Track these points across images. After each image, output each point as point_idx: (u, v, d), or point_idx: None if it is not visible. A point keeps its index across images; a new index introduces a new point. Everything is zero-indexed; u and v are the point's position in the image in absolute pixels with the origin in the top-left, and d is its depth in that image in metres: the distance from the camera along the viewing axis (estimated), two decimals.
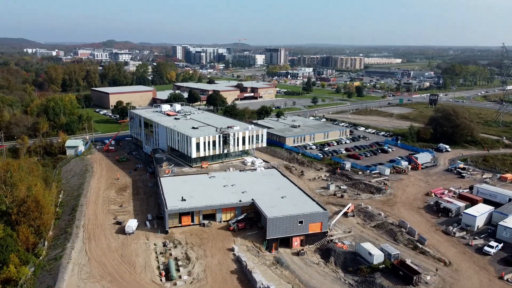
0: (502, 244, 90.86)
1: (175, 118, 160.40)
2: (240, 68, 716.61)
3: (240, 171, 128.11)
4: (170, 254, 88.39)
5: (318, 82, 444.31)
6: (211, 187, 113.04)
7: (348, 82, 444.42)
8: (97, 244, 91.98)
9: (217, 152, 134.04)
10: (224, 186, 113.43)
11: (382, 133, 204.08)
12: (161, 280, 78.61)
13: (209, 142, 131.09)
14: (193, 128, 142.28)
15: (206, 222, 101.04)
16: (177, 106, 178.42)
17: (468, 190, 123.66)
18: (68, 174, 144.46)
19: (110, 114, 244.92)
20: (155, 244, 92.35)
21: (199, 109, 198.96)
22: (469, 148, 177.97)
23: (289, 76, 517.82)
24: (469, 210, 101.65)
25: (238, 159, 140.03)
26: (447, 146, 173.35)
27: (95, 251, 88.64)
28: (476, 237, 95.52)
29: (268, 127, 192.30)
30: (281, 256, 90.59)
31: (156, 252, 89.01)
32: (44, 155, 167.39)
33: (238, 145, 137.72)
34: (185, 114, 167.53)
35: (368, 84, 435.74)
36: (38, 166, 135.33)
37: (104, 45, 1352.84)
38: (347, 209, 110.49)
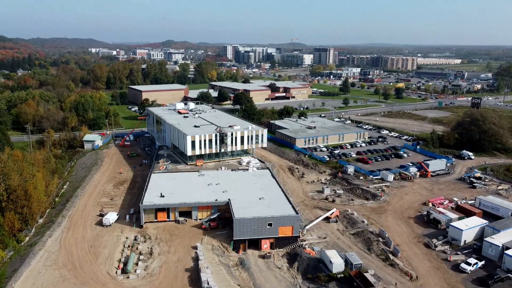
0: (483, 262, 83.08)
1: (184, 116, 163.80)
2: (286, 68, 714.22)
3: (232, 170, 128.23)
4: (137, 248, 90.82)
5: (360, 82, 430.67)
6: (195, 185, 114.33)
7: (391, 84, 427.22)
8: (73, 233, 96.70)
9: (214, 151, 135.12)
10: (208, 184, 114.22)
11: (405, 137, 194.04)
12: (116, 272, 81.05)
13: (205, 141, 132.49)
14: (195, 126, 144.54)
15: (181, 219, 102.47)
16: (191, 105, 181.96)
17: (473, 201, 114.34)
18: (80, 166, 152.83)
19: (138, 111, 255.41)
20: (126, 238, 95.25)
21: (213, 107, 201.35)
22: (497, 156, 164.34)
23: (331, 76, 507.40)
24: (457, 223, 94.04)
25: (235, 158, 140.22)
26: (470, 153, 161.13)
27: (68, 240, 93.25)
28: (459, 253, 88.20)
29: (283, 127, 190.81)
30: (246, 257, 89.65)
31: (124, 245, 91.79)
32: (67, 148, 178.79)
33: (236, 144, 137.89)
34: (196, 113, 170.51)
35: (413, 86, 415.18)
36: (50, 158, 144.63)
37: (162, 45, 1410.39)
38: (330, 214, 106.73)
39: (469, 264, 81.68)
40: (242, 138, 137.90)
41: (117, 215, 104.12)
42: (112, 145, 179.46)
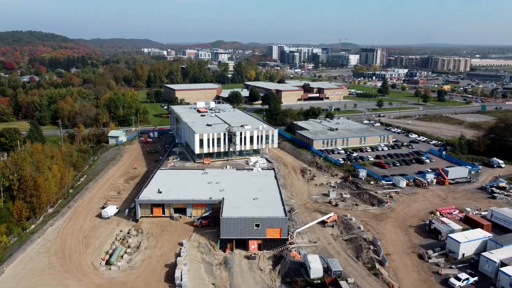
0: (476, 278, 77.01)
1: (201, 115, 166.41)
2: (330, 69, 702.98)
3: (236, 169, 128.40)
4: (127, 242, 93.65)
5: (402, 84, 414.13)
6: (195, 182, 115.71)
7: (436, 86, 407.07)
8: (73, 224, 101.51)
9: (222, 150, 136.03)
10: (208, 183, 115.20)
11: (434, 142, 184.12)
12: (100, 263, 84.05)
13: (213, 139, 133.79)
14: (207, 125, 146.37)
15: (176, 215, 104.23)
16: (212, 104, 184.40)
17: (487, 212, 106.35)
18: (101, 160, 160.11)
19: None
20: (120, 231, 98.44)
21: (239, 106, 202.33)
22: None
23: (374, 77, 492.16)
24: (456, 235, 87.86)
25: (243, 158, 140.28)
26: (500, 162, 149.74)
27: (66, 230, 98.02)
28: (453, 266, 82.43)
29: (304, 128, 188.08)
30: (231, 257, 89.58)
31: (116, 238, 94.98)
32: (96, 143, 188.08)
33: (245, 144, 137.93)
34: (214, 112, 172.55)
35: (460, 89, 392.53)
36: (73, 152, 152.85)
37: (212, 45, 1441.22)
38: (327, 219, 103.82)
39: (459, 279, 76.02)
40: (251, 138, 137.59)
41: (117, 208, 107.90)
42: (136, 141, 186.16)
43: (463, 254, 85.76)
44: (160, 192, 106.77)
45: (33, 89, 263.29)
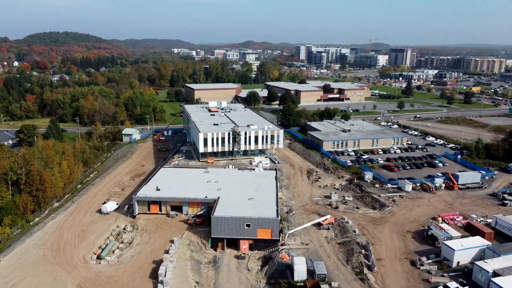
0: None
1: (211, 114, 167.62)
2: (358, 69, 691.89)
3: (238, 169, 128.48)
4: (121, 237, 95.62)
5: (428, 85, 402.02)
6: (195, 181, 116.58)
7: (465, 87, 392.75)
8: (73, 218, 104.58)
9: (226, 149, 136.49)
10: (207, 181, 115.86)
11: (451, 145, 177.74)
12: (91, 257, 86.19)
13: (217, 139, 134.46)
14: (214, 124, 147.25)
15: (172, 213, 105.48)
16: (223, 103, 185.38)
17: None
18: (113, 157, 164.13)
19: None
20: (117, 226, 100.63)
21: (257, 106, 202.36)
22: None
23: (400, 78, 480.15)
24: (451, 242, 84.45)
25: (247, 158, 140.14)
26: None
27: (66, 224, 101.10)
28: (445, 274, 79.29)
29: (316, 129, 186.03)
30: (221, 256, 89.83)
31: (111, 233, 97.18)
32: (112, 140, 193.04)
33: (250, 144, 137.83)
34: (225, 111, 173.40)
35: (490, 91, 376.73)
36: (85, 149, 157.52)
37: (242, 45, 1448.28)
38: (323, 221, 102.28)
39: None
40: (256, 138, 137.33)
41: (117, 204, 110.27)
42: (149, 139, 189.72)
43: (458, 262, 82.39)
44: (158, 190, 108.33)
45: (58, 88, 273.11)
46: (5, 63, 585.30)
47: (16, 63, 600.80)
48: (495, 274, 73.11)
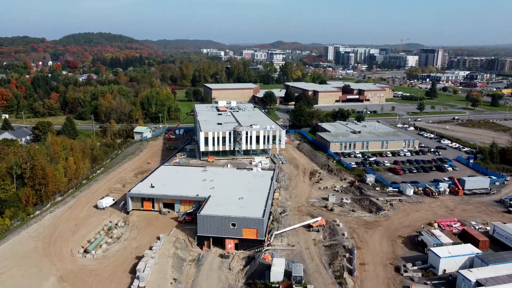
0: None
1: (218, 114, 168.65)
2: (386, 70, 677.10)
3: (237, 169, 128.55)
4: (112, 232, 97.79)
5: (454, 87, 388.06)
6: (191, 179, 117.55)
7: (495, 89, 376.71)
8: (70, 212, 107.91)
9: (227, 148, 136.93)
10: (203, 180, 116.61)
11: (466, 149, 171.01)
12: (78, 251, 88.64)
13: (218, 138, 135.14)
14: (218, 123, 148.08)
15: (165, 210, 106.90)
16: (233, 103, 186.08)
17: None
18: (122, 155, 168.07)
19: None
20: (110, 221, 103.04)
21: (273, 106, 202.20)
22: None
23: (428, 79, 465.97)
24: (438, 249, 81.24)
25: (248, 157, 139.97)
26: None
27: (62, 217, 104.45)
28: (428, 282, 76.42)
29: (326, 130, 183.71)
30: (205, 254, 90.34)
31: (102, 228, 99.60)
32: (126, 138, 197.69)
33: (251, 143, 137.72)
34: (233, 111, 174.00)
35: None
36: (95, 146, 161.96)
37: (271, 45, 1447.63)
38: (313, 223, 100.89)
39: None
40: (257, 137, 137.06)
41: (113, 200, 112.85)
42: (161, 137, 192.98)
43: (444, 270, 79.19)
44: (153, 187, 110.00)
45: (81, 86, 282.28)
46: (40, 62, 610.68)
47: (50, 63, 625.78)
48: (478, 284, 69.83)
